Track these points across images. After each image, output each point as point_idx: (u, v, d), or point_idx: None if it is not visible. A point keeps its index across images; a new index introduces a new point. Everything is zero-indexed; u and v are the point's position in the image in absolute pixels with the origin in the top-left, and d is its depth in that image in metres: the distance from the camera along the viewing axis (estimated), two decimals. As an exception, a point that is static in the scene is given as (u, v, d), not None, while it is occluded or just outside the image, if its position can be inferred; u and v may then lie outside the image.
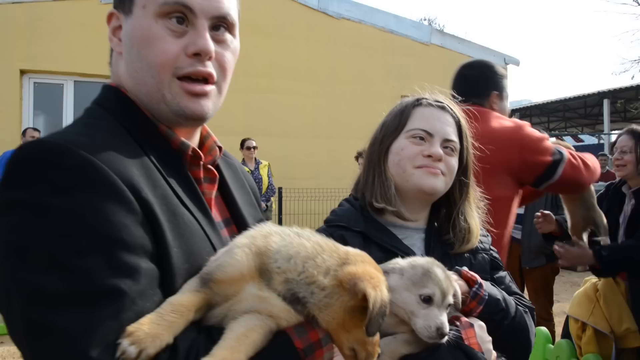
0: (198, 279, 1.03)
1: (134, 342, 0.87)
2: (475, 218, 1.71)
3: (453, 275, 1.42)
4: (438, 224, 1.69)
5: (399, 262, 1.37)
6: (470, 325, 1.36)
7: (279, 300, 1.01)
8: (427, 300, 1.28)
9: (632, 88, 19.17)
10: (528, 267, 4.93)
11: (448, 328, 1.26)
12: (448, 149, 1.64)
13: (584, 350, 3.73)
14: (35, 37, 9.84)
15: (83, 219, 0.91)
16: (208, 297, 1.01)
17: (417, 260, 1.37)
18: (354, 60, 12.05)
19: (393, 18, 12.65)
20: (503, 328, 1.47)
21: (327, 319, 1.02)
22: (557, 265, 4.87)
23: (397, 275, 1.32)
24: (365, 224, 1.59)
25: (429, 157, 1.60)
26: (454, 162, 1.66)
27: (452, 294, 1.32)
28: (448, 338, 1.27)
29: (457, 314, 1.40)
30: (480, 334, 1.37)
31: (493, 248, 1.76)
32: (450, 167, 1.64)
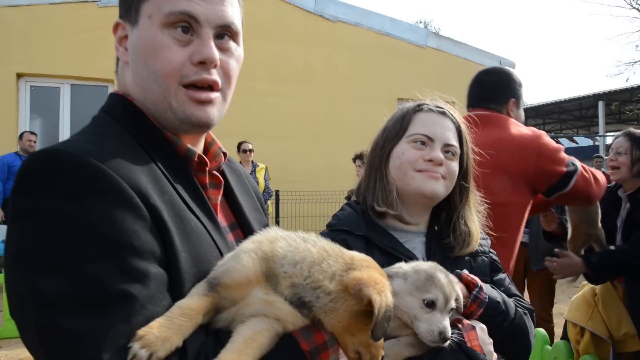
0: (206, 283, 1.04)
1: (145, 345, 0.88)
2: (475, 222, 1.73)
3: (454, 279, 1.44)
4: (439, 228, 1.71)
5: (403, 266, 1.39)
6: (472, 328, 1.38)
7: (286, 304, 1.02)
8: (430, 305, 1.30)
9: (626, 90, 19.32)
10: (536, 269, 4.93)
11: (450, 332, 1.28)
12: (449, 154, 1.66)
13: (582, 354, 3.73)
14: (32, 40, 9.83)
15: (93, 226, 0.93)
16: (216, 301, 1.03)
17: (420, 265, 1.38)
18: (351, 63, 12.07)
19: (389, 21, 12.68)
20: (503, 330, 1.49)
21: (332, 323, 1.03)
22: None
23: (400, 280, 1.34)
24: (367, 228, 1.61)
25: (430, 161, 1.62)
26: (455, 166, 1.68)
27: (454, 299, 1.33)
28: (450, 341, 1.29)
29: (458, 317, 1.42)
30: (482, 337, 1.38)
31: (492, 250, 1.78)
32: (451, 171, 1.66)
